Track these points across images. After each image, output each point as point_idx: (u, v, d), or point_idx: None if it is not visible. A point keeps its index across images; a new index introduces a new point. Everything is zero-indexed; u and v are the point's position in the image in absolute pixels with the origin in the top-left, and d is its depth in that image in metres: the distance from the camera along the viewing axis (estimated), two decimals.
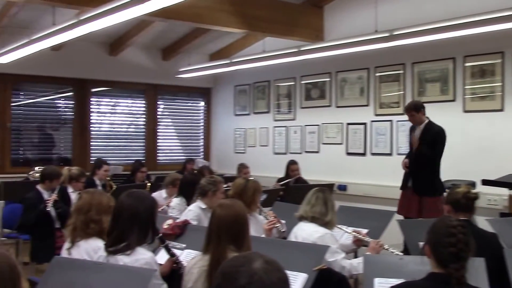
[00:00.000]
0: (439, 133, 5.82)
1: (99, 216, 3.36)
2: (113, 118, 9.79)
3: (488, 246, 3.17)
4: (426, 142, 5.81)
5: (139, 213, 3.01)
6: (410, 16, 6.58)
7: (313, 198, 4.07)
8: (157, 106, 10.17)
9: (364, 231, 4.30)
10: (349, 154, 7.96)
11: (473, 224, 3.63)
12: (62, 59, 8.69)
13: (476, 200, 3.53)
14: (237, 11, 7.00)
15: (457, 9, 5.97)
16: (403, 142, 7.05)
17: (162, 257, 3.46)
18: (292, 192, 6.67)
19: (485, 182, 5.50)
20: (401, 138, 7.16)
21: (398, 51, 6.65)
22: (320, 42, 7.52)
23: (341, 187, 7.74)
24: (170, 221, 4.00)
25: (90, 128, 9.39)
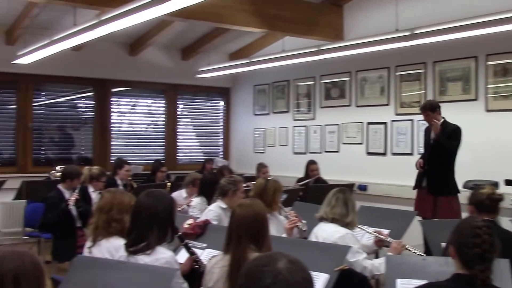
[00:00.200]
0: (455, 131, 5.75)
1: (121, 215, 3.38)
2: (133, 118, 9.84)
3: None
4: None
5: (158, 212, 3.02)
6: (431, 15, 6.53)
7: (333, 199, 4.03)
8: (177, 106, 10.20)
9: (386, 231, 4.25)
10: (370, 154, 7.91)
11: (498, 225, 3.58)
12: (83, 59, 8.76)
13: (500, 202, 3.49)
14: (256, 10, 7.00)
15: (479, 7, 5.90)
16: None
17: (182, 256, 3.47)
18: (311, 192, 6.64)
19: (508, 182, 5.45)
20: (422, 138, 7.05)
21: (419, 50, 6.60)
22: (340, 41, 7.49)
23: (361, 187, 7.69)
24: (190, 221, 4.00)
25: (110, 128, 9.45)
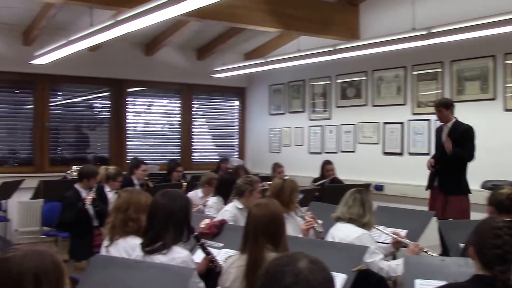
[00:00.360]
0: (467, 130, 5.71)
1: (138, 214, 3.38)
2: (149, 118, 9.87)
3: None
4: (454, 139, 5.70)
5: (174, 212, 3.03)
6: (449, 13, 6.48)
7: (351, 199, 4.00)
8: (192, 105, 10.21)
9: (403, 232, 4.22)
10: (386, 153, 7.86)
11: None
12: (99, 59, 8.81)
13: None
14: (272, 10, 6.98)
15: (497, 5, 5.81)
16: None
17: (199, 256, 3.47)
18: (327, 192, 6.63)
19: None
20: None
21: (436, 49, 6.54)
22: (356, 40, 7.45)
23: (378, 187, 7.64)
24: (207, 220, 4.00)
25: (126, 128, 9.49)
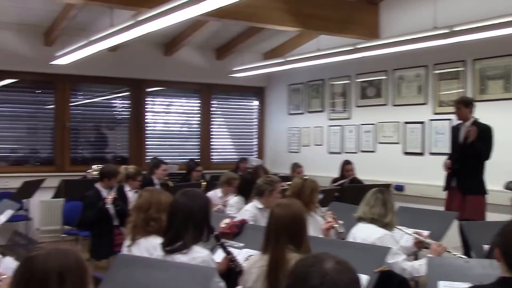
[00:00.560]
0: (485, 130, 5.67)
1: (159, 214, 3.39)
2: (168, 118, 9.90)
3: None
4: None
5: (194, 212, 3.04)
6: (471, 11, 6.40)
7: (372, 199, 3.98)
8: (211, 105, 10.22)
9: (425, 233, 4.17)
10: (406, 153, 7.79)
11: None
12: (119, 59, 8.86)
13: None
14: (291, 9, 6.96)
15: None
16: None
17: (219, 256, 3.47)
18: (347, 192, 6.60)
19: None
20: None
21: (458, 47, 6.45)
22: (375, 39, 7.39)
23: (398, 188, 7.57)
24: (227, 220, 3.99)
25: (145, 128, 9.53)
